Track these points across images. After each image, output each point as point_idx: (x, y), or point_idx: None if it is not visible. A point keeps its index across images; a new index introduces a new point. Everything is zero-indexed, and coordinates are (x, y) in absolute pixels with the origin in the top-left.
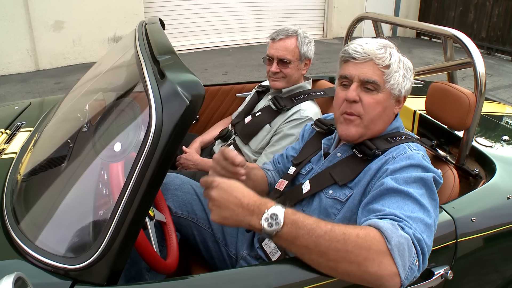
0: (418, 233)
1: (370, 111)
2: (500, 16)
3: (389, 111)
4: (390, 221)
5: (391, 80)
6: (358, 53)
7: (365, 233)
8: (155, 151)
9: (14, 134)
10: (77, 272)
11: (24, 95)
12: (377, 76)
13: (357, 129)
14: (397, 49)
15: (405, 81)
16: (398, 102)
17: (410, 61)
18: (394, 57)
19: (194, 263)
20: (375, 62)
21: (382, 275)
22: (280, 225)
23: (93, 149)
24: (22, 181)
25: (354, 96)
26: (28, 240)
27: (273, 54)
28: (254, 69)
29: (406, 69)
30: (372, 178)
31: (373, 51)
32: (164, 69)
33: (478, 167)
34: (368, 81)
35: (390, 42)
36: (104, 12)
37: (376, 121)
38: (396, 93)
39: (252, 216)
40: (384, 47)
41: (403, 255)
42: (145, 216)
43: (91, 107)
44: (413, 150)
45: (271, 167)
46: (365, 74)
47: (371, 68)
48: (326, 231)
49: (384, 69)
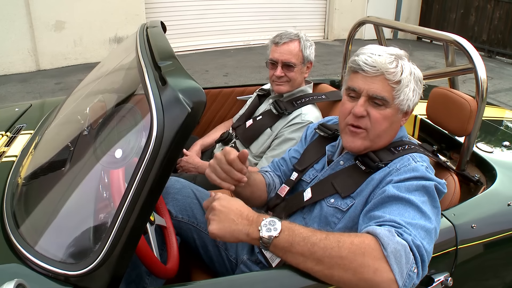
0: (418, 240)
1: (377, 126)
2: (501, 19)
3: (395, 125)
4: (388, 228)
5: (400, 96)
6: (368, 66)
7: (360, 240)
8: (156, 158)
9: (14, 136)
10: (77, 278)
11: (25, 95)
12: (386, 92)
13: (363, 142)
14: (407, 56)
15: (415, 95)
16: (405, 114)
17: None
18: (406, 71)
19: (194, 267)
20: (386, 77)
21: (378, 283)
22: (277, 231)
23: (94, 155)
24: (22, 185)
25: (362, 112)
26: (28, 245)
27: (277, 58)
28: (255, 70)
29: (417, 81)
30: (374, 189)
31: (385, 65)
32: (165, 75)
33: (478, 173)
34: (377, 97)
35: (400, 51)
36: (105, 13)
37: (383, 135)
38: (404, 109)
39: (251, 225)
40: (396, 60)
41: (400, 262)
42: (146, 223)
43: (92, 111)
44: (417, 162)
45: (269, 169)
46: (375, 90)
47: (381, 84)
48: (321, 238)
49: (395, 85)
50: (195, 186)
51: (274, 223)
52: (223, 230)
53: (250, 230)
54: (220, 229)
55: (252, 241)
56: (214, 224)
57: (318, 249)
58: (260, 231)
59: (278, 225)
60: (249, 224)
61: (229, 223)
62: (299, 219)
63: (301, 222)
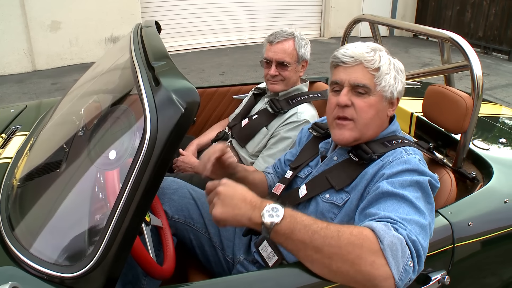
0: (413, 235)
1: (363, 114)
2: (497, 16)
3: (382, 114)
4: (383, 223)
5: (382, 83)
6: (347, 57)
7: (359, 231)
8: (150, 158)
9: (9, 138)
10: (72, 281)
11: (21, 95)
12: (367, 79)
13: (351, 133)
14: (387, 51)
15: (397, 82)
16: (392, 104)
17: (407, 60)
18: (384, 59)
19: (190, 267)
20: (365, 65)
21: (375, 276)
22: (280, 218)
23: (88, 157)
24: (17, 187)
25: (346, 101)
26: (23, 248)
27: (271, 57)
28: (251, 69)
29: (397, 70)
30: (369, 183)
31: (362, 54)
32: (159, 75)
33: (475, 170)
34: (358, 85)
35: (379, 45)
36: (101, 13)
37: (370, 124)
38: (388, 95)
39: (254, 210)
40: (374, 50)
41: (396, 255)
42: (141, 224)
43: (87, 111)
44: (410, 155)
45: (271, 170)
46: (355, 78)
47: (361, 72)
48: (322, 227)
49: (374, 72)
50: (192, 186)
51: (276, 209)
52: (225, 214)
53: (253, 214)
54: (223, 212)
55: (254, 225)
56: (218, 207)
57: (318, 237)
58: (262, 217)
59: (281, 212)
60: (252, 209)
61: (232, 207)
62: None
63: None
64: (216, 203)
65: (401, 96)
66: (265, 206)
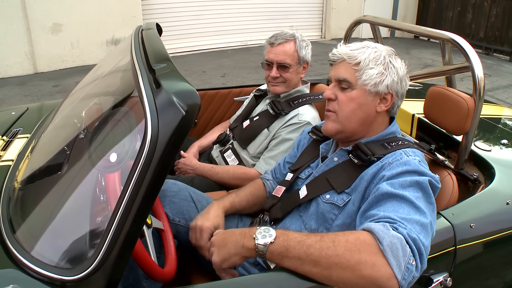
0: (414, 234)
1: (343, 107)
2: (498, 16)
3: (366, 108)
4: (382, 223)
5: (362, 77)
6: (334, 55)
7: (355, 237)
8: (151, 161)
9: (11, 140)
10: (74, 283)
11: (22, 98)
12: (348, 74)
13: (333, 124)
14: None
15: (383, 76)
16: (384, 100)
17: (409, 62)
18: (367, 53)
19: (192, 270)
20: (347, 61)
21: (377, 278)
22: (273, 237)
23: (89, 160)
24: (18, 189)
25: (329, 95)
26: (24, 251)
27: (272, 58)
28: (253, 71)
29: (387, 66)
30: (369, 184)
31: (346, 51)
32: (159, 78)
33: (477, 171)
34: (340, 79)
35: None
36: (102, 15)
37: (351, 117)
38: (372, 90)
39: (245, 237)
40: (362, 48)
41: (397, 255)
42: (142, 226)
43: (88, 114)
44: (409, 156)
45: (270, 177)
46: (339, 73)
47: (344, 68)
48: (316, 240)
49: (355, 67)
50: (192, 189)
51: (268, 230)
52: (222, 255)
53: (245, 240)
54: (220, 255)
55: (248, 251)
56: (215, 254)
57: (314, 250)
58: (255, 239)
59: (273, 232)
60: (243, 236)
61: (227, 247)
62: (295, 217)
63: (298, 220)
64: (213, 252)
65: (395, 92)
66: (256, 230)
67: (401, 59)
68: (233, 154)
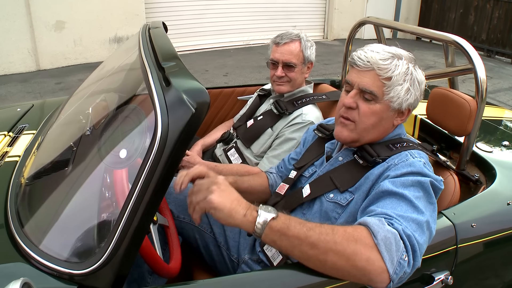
0: (409, 230)
1: (364, 119)
2: (500, 19)
3: (386, 122)
4: (378, 218)
5: (390, 93)
6: (361, 61)
7: (353, 229)
8: (161, 158)
9: (17, 136)
10: (82, 277)
11: (25, 95)
12: (376, 87)
13: (349, 133)
14: (409, 58)
15: (409, 95)
16: (401, 114)
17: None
18: (400, 68)
19: (196, 267)
20: (377, 72)
21: (370, 270)
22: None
23: (97, 154)
24: (26, 185)
25: (351, 103)
26: (32, 244)
27: (278, 58)
28: (255, 70)
29: (413, 82)
30: (373, 184)
31: (376, 60)
32: (169, 76)
33: (478, 172)
34: (366, 90)
35: (404, 52)
36: (105, 12)
37: (370, 130)
38: (395, 107)
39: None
40: (392, 58)
41: (390, 249)
42: (150, 223)
43: (94, 111)
44: (415, 158)
45: (274, 170)
46: (365, 83)
47: (372, 78)
48: (316, 225)
49: (385, 81)
50: None
51: (271, 208)
52: (222, 204)
53: (248, 212)
54: (221, 202)
55: (247, 223)
56: (216, 194)
57: (313, 233)
58: (258, 213)
59: (275, 211)
60: (247, 208)
61: (231, 200)
62: (299, 215)
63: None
64: (214, 191)
65: (413, 108)
66: (259, 206)
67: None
68: (236, 153)
